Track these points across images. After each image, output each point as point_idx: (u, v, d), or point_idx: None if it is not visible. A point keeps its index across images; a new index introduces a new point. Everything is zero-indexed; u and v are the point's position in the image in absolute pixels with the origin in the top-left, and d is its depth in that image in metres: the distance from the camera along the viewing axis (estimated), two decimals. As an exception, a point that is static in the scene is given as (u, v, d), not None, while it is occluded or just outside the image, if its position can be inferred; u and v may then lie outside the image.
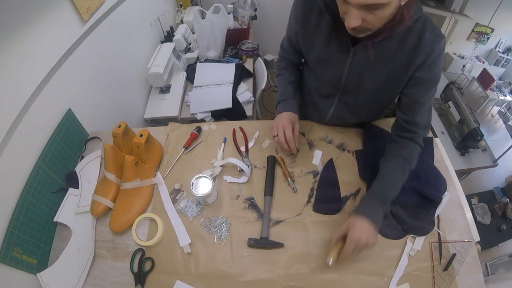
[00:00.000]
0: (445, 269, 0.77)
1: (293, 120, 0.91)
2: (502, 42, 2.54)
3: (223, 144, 1.03)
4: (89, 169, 0.99)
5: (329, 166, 0.95)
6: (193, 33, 1.89)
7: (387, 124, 1.01)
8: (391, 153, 0.84)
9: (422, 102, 0.79)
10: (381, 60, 0.76)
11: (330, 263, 0.70)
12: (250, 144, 1.02)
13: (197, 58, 1.87)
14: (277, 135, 0.88)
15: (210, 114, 1.55)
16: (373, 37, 0.70)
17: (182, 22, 2.00)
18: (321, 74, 0.90)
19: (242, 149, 1.00)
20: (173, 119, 1.49)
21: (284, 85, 0.99)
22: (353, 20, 0.60)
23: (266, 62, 2.70)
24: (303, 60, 1.02)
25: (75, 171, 0.98)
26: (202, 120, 1.54)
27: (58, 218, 0.89)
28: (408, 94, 0.80)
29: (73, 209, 0.90)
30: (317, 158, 0.97)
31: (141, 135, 0.90)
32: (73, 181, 0.96)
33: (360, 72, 0.80)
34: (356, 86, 0.85)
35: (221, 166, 0.96)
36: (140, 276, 0.78)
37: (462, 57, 2.54)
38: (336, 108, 0.96)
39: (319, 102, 0.99)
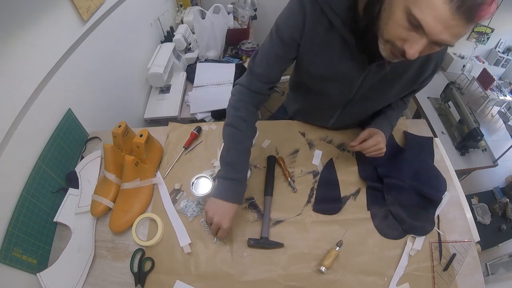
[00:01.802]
0: (445, 269, 0.77)
1: (232, 217, 0.75)
2: (502, 42, 2.55)
3: (223, 144, 1.02)
4: (89, 169, 0.99)
5: (329, 166, 0.95)
6: (193, 33, 1.89)
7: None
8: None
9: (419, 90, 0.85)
10: (395, 74, 0.72)
11: (323, 270, 0.75)
12: (250, 144, 1.02)
13: (197, 58, 1.87)
14: (208, 228, 0.78)
15: (210, 114, 1.55)
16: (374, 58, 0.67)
17: (182, 22, 2.00)
18: (326, 91, 0.82)
19: (242, 149, 1.00)
20: (173, 119, 1.49)
21: (238, 151, 0.78)
22: (417, 52, 0.52)
23: (266, 62, 2.69)
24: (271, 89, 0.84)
25: (75, 171, 0.98)
26: (202, 120, 1.54)
27: (58, 218, 0.89)
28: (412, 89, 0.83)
29: (73, 209, 0.90)
30: (317, 158, 0.97)
31: (141, 135, 0.90)
32: (73, 181, 0.96)
33: (373, 86, 0.76)
34: (365, 99, 0.81)
35: (221, 166, 0.96)
36: (140, 276, 0.78)
37: (462, 57, 2.54)
38: (338, 118, 0.94)
39: (320, 114, 0.96)
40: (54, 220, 0.89)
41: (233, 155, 0.77)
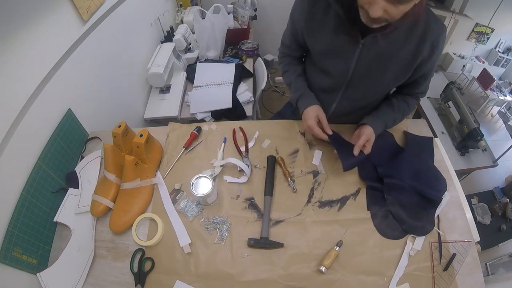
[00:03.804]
0: (445, 269, 0.77)
1: (319, 113, 0.93)
2: (502, 42, 2.55)
3: (223, 144, 1.03)
4: (89, 169, 0.99)
5: (335, 134, 0.95)
6: (193, 33, 1.89)
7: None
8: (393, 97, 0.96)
9: (427, 77, 0.88)
10: (389, 51, 0.78)
11: (323, 270, 0.75)
12: (250, 144, 1.02)
13: (197, 58, 1.87)
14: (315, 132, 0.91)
15: (210, 114, 1.55)
16: (383, 28, 0.71)
17: (182, 22, 2.00)
18: (327, 68, 0.90)
19: (242, 149, 1.00)
20: (173, 119, 1.49)
21: (295, 79, 1.00)
22: (378, 10, 0.62)
23: (266, 62, 2.70)
24: (305, 54, 1.03)
25: (75, 171, 0.98)
26: (202, 120, 1.54)
27: (58, 218, 0.89)
28: (413, 77, 0.86)
29: (73, 209, 0.90)
30: (317, 158, 0.97)
31: (141, 135, 0.90)
32: (73, 181, 0.96)
33: (369, 64, 0.81)
34: (363, 79, 0.86)
35: (221, 166, 0.96)
36: (140, 276, 0.78)
37: (462, 57, 2.55)
38: (339, 103, 0.97)
39: (322, 98, 0.98)
40: (54, 220, 0.89)
41: (294, 84, 1.00)
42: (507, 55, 2.53)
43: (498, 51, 2.55)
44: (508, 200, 2.04)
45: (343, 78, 0.88)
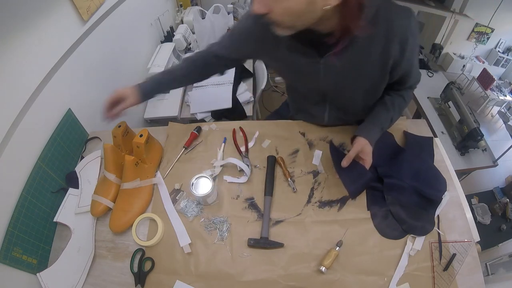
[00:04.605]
0: (445, 269, 0.77)
1: (126, 93, 0.86)
2: (502, 42, 2.55)
3: (223, 144, 1.03)
4: (89, 169, 0.99)
5: (335, 151, 0.93)
6: (193, 33, 1.89)
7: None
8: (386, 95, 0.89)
9: (410, 71, 0.80)
10: (355, 63, 0.73)
11: (323, 270, 0.75)
12: (250, 144, 1.02)
13: (197, 58, 1.86)
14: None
15: (210, 114, 1.55)
16: (338, 44, 0.67)
17: (182, 22, 2.00)
18: (299, 87, 0.88)
19: (242, 149, 1.00)
20: (173, 119, 1.49)
21: (163, 74, 0.92)
22: (256, 4, 0.58)
23: (266, 62, 2.69)
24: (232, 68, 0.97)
25: (75, 171, 0.98)
26: (202, 120, 1.54)
27: (58, 218, 0.89)
28: (394, 78, 0.80)
29: (73, 209, 0.90)
30: (317, 158, 0.97)
31: (141, 135, 0.90)
32: (73, 181, 0.96)
33: (337, 80, 0.78)
34: (339, 93, 0.84)
35: (221, 166, 0.96)
36: (140, 276, 0.78)
37: (462, 57, 2.55)
38: (330, 112, 0.95)
39: (312, 109, 0.98)
40: (54, 220, 0.89)
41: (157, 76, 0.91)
42: (507, 55, 2.53)
43: (498, 51, 2.55)
44: (508, 200, 2.04)
45: (317, 93, 0.85)
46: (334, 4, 0.57)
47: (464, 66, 2.46)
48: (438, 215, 0.85)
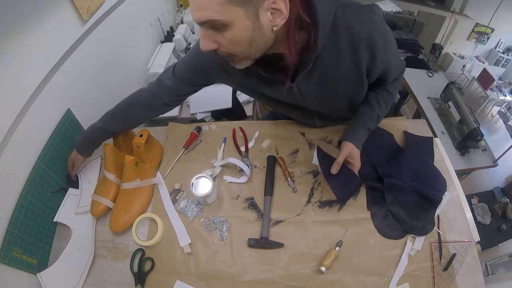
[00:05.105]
0: (445, 269, 0.77)
1: (72, 158, 0.93)
2: (502, 42, 2.55)
3: (223, 144, 1.03)
4: (89, 169, 0.99)
5: (322, 156, 0.91)
6: (193, 33, 1.89)
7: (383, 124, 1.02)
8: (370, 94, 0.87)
9: (388, 70, 0.78)
10: (328, 79, 0.72)
11: (323, 270, 0.75)
12: (250, 144, 1.02)
13: (197, 58, 1.86)
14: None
15: (210, 114, 1.55)
16: (301, 68, 0.66)
17: (182, 22, 2.00)
18: (281, 110, 0.89)
19: (242, 149, 1.00)
20: (173, 119, 1.48)
21: (96, 128, 0.91)
22: (202, 40, 0.56)
23: (266, 62, 2.69)
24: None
25: (75, 171, 0.98)
26: (202, 120, 1.54)
27: (58, 218, 0.89)
28: (373, 79, 0.79)
29: (73, 209, 0.90)
30: (317, 158, 0.97)
31: (141, 135, 0.90)
32: (73, 181, 0.96)
33: (315, 96, 0.78)
34: (322, 106, 0.85)
35: (221, 166, 0.96)
36: (140, 276, 0.78)
37: (462, 57, 2.55)
38: (320, 120, 0.97)
39: (302, 119, 1.00)
40: (54, 220, 0.89)
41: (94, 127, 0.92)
42: (507, 55, 2.53)
43: (498, 51, 2.55)
44: (508, 200, 2.04)
45: (301, 110, 0.86)
46: (282, 24, 0.55)
47: (464, 66, 2.46)
48: (438, 215, 0.85)
